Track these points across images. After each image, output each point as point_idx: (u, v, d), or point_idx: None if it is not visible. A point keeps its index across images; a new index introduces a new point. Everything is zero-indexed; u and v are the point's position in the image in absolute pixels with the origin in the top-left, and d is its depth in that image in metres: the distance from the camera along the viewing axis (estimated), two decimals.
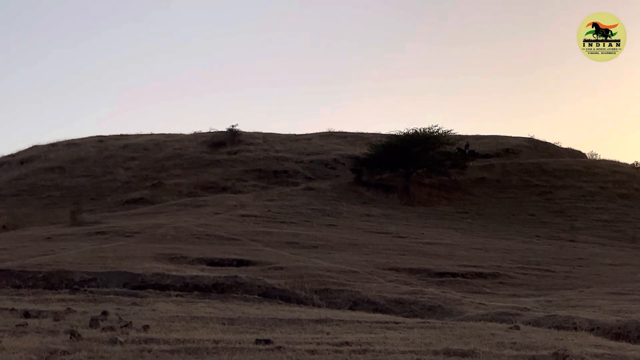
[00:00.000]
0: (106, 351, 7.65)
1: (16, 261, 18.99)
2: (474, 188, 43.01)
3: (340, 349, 8.08)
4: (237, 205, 35.01)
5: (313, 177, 45.06)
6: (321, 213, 33.80)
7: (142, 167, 48.00)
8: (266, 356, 7.60)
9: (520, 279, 20.34)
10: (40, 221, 33.32)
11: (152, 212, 34.15)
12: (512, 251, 26.00)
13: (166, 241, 23.84)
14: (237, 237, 25.16)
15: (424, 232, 30.26)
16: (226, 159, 48.80)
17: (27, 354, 7.36)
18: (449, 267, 20.94)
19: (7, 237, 26.96)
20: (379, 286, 17.29)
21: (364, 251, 23.76)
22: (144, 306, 12.92)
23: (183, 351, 7.79)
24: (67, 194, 43.01)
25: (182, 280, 16.29)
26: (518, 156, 50.13)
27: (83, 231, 27.08)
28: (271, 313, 12.54)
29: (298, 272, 18.21)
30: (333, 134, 58.60)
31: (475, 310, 14.24)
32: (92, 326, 9.63)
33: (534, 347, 8.62)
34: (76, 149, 54.10)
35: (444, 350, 8.11)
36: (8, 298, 13.92)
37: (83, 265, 17.97)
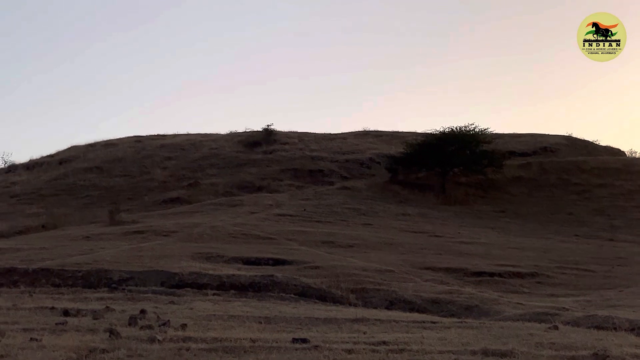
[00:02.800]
0: (145, 349, 7.70)
1: (56, 260, 19.24)
2: (511, 187, 42.62)
3: (378, 349, 8.06)
4: (273, 204, 35.10)
5: (348, 177, 44.98)
6: (357, 212, 33.75)
7: (179, 167, 48.31)
8: (303, 355, 7.60)
9: (559, 278, 20.11)
10: (78, 221, 33.71)
11: (188, 212, 34.36)
12: (550, 250, 25.71)
13: (203, 240, 23.98)
14: (272, 237, 25.22)
15: (460, 231, 30.06)
16: (262, 159, 48.92)
17: (66, 352, 7.44)
18: (486, 267, 20.79)
19: (47, 237, 27.32)
20: (415, 285, 17.22)
21: (400, 250, 23.68)
22: (182, 305, 13.00)
23: (220, 350, 7.82)
24: (105, 193, 43.44)
25: (219, 279, 16.37)
26: (556, 154, 49.52)
27: (121, 230, 27.34)
28: (307, 312, 12.54)
29: (334, 271, 18.21)
30: (368, 132, 58.44)
31: (513, 310, 14.12)
32: (131, 324, 9.71)
33: (573, 348, 8.52)
34: (114, 149, 54.63)
35: (481, 350, 8.05)
36: (48, 297, 14.10)
37: (121, 264, 18.15)
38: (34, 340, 8.13)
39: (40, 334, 8.72)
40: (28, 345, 7.83)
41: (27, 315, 10.90)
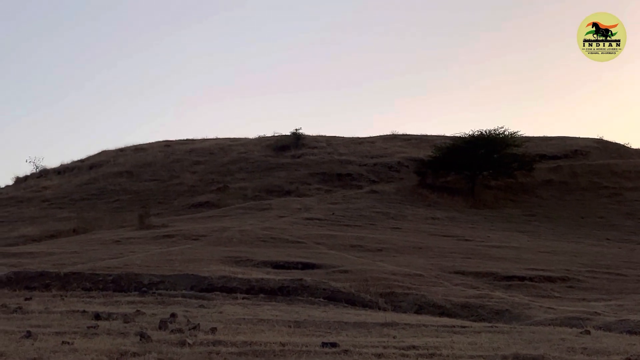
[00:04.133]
0: (175, 353, 7.73)
1: (87, 264, 19.41)
2: (541, 190, 42.34)
3: (407, 353, 8.02)
4: (302, 208, 35.15)
5: (377, 180, 44.94)
6: (385, 216, 33.69)
7: (208, 171, 48.57)
8: (333, 359, 7.59)
9: (590, 282, 19.89)
10: (109, 225, 33.99)
11: (218, 216, 34.52)
12: (581, 254, 25.45)
13: (232, 244, 24.06)
14: (301, 240, 25.24)
15: (490, 235, 29.89)
16: (290, 163, 49.03)
17: (98, 355, 7.49)
18: (516, 271, 20.62)
19: (78, 241, 27.57)
20: (445, 290, 17.13)
21: (429, 254, 23.58)
22: (211, 308, 13.04)
23: (250, 353, 7.83)
24: (135, 198, 43.80)
25: (248, 283, 16.40)
26: (586, 157, 49.08)
27: (151, 234, 27.52)
28: (336, 316, 12.52)
29: (363, 275, 18.17)
30: (397, 136, 58.36)
31: (544, 315, 13.99)
32: (161, 328, 9.75)
33: (605, 353, 8.42)
34: (143, 153, 55.07)
35: (513, 355, 7.98)
36: (79, 300, 14.21)
37: (151, 268, 18.27)
38: (65, 344, 8.19)
39: (72, 337, 8.78)
40: (60, 349, 7.89)
41: (59, 318, 10.99)
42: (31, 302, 13.47)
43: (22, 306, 12.48)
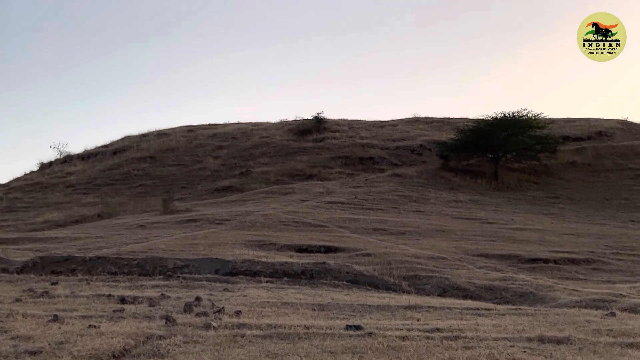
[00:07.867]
0: (200, 336, 7.78)
1: (112, 248, 19.58)
2: (565, 172, 42.04)
3: (432, 336, 8.01)
4: (324, 192, 35.15)
5: (399, 164, 44.85)
6: (408, 199, 33.62)
7: (231, 156, 48.72)
8: (357, 342, 7.59)
9: (615, 264, 19.76)
10: (133, 210, 34.25)
11: (241, 200, 34.63)
12: (605, 236, 25.26)
13: (255, 228, 24.14)
14: (324, 224, 25.27)
15: (513, 217, 29.74)
16: (312, 147, 49.05)
17: (124, 339, 7.55)
18: (540, 253, 20.53)
19: (102, 226, 27.80)
20: (468, 272, 17.10)
21: (453, 237, 23.52)
22: (236, 292, 13.10)
23: (275, 336, 7.86)
24: (159, 182, 44.06)
25: (271, 266, 16.46)
26: (611, 139, 48.65)
27: (175, 219, 27.68)
28: (360, 299, 12.54)
29: (386, 258, 18.17)
30: (419, 119, 58.15)
31: (568, 297, 13.92)
32: (186, 311, 9.81)
33: (631, 334, 8.36)
34: (166, 138, 55.32)
35: (537, 337, 7.95)
36: (104, 284, 14.33)
37: (176, 252, 18.39)
38: (92, 327, 8.26)
39: (99, 321, 8.86)
40: (87, 332, 7.96)
41: (85, 302, 11.09)
42: (57, 286, 13.60)
43: (49, 290, 12.60)
